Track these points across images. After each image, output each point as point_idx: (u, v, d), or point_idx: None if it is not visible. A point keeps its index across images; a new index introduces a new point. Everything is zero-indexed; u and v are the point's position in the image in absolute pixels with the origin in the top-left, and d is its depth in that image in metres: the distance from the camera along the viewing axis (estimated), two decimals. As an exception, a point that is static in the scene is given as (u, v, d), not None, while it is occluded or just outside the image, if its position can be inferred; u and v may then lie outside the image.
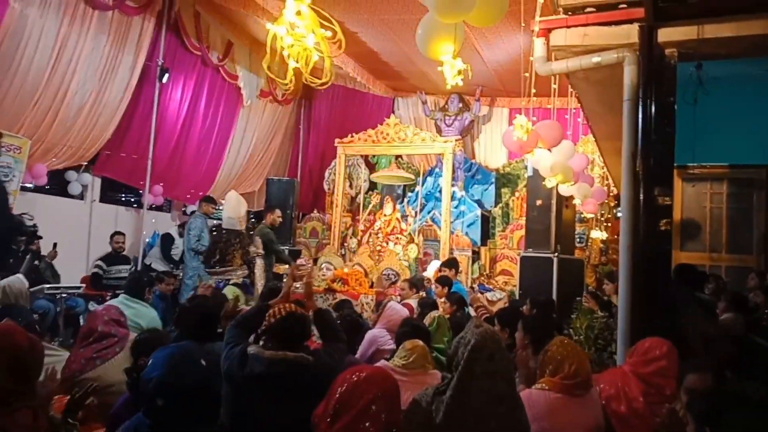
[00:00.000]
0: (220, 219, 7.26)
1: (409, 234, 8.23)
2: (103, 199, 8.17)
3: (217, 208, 7.22)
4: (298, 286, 3.05)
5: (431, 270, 7.02)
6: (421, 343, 3.00)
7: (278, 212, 7.02)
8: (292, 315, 2.27)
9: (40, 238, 3.87)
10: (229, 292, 4.60)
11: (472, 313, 4.99)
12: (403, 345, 2.97)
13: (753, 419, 1.61)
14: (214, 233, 6.04)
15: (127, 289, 4.17)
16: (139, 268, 7.54)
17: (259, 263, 6.30)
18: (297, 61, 2.40)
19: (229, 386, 2.15)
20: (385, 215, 8.36)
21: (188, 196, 9.25)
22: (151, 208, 8.73)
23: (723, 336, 3.64)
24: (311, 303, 2.65)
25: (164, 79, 7.92)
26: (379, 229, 8.24)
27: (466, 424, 1.83)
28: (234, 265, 5.96)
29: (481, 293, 7.29)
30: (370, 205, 9.34)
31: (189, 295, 5.05)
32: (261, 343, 2.27)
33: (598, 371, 3.00)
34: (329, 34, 2.40)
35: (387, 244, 8.04)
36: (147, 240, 8.54)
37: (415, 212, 8.77)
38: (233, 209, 6.09)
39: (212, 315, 2.91)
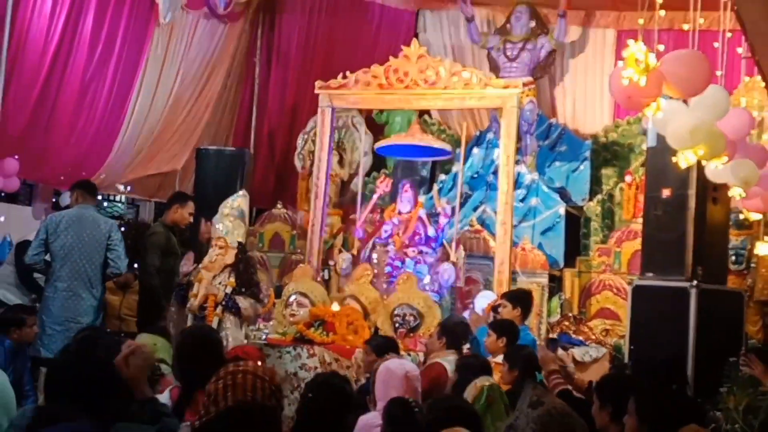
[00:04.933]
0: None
1: (442, 244, 8.19)
2: None
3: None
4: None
5: (480, 307, 7.02)
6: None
7: (191, 206, 7.29)
8: None
9: None
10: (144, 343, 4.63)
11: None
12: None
13: None
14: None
15: None
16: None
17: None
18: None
19: None
20: (400, 213, 8.33)
21: (62, 178, 9.29)
22: (-1, 198, 8.80)
23: None
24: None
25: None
26: (390, 236, 8.19)
27: None
28: None
29: (564, 348, 7.22)
30: (374, 196, 9.33)
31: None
32: None
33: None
34: None
35: (403, 263, 8.00)
36: (-8, 251, 8.59)
37: (453, 208, 8.75)
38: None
39: (108, 369, 3.00)
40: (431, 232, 8.32)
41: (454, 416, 3.26)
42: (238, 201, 6.72)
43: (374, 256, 8.29)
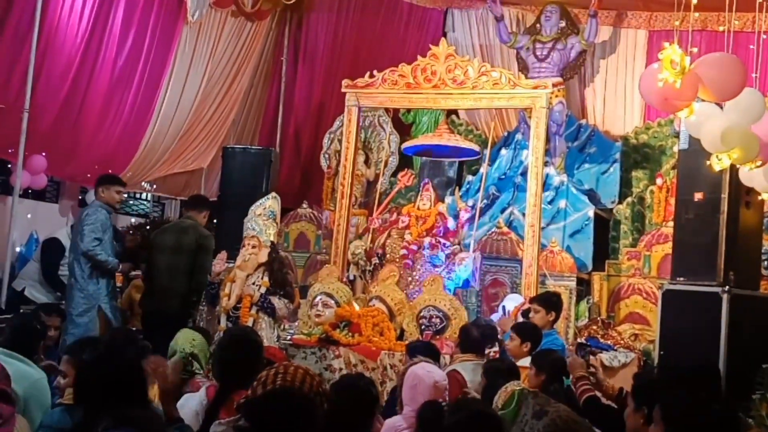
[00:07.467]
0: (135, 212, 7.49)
1: (459, 243, 8.17)
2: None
3: (125, 193, 7.77)
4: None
5: (508, 308, 7.00)
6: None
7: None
8: None
9: None
10: (183, 340, 4.63)
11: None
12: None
13: None
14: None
15: (6, 339, 4.30)
16: (3, 294, 7.65)
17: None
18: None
19: None
20: (419, 209, 8.36)
21: (89, 175, 9.37)
22: (26, 195, 8.84)
23: None
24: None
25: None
26: (406, 226, 8.21)
27: None
28: None
29: (593, 352, 7.18)
30: (395, 189, 9.33)
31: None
32: None
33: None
34: None
35: (419, 248, 7.98)
36: (18, 249, 8.66)
37: (475, 211, 8.70)
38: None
39: (137, 371, 3.06)
40: (451, 224, 8.28)
41: (476, 423, 3.16)
42: (270, 202, 6.80)
43: (388, 243, 8.29)
